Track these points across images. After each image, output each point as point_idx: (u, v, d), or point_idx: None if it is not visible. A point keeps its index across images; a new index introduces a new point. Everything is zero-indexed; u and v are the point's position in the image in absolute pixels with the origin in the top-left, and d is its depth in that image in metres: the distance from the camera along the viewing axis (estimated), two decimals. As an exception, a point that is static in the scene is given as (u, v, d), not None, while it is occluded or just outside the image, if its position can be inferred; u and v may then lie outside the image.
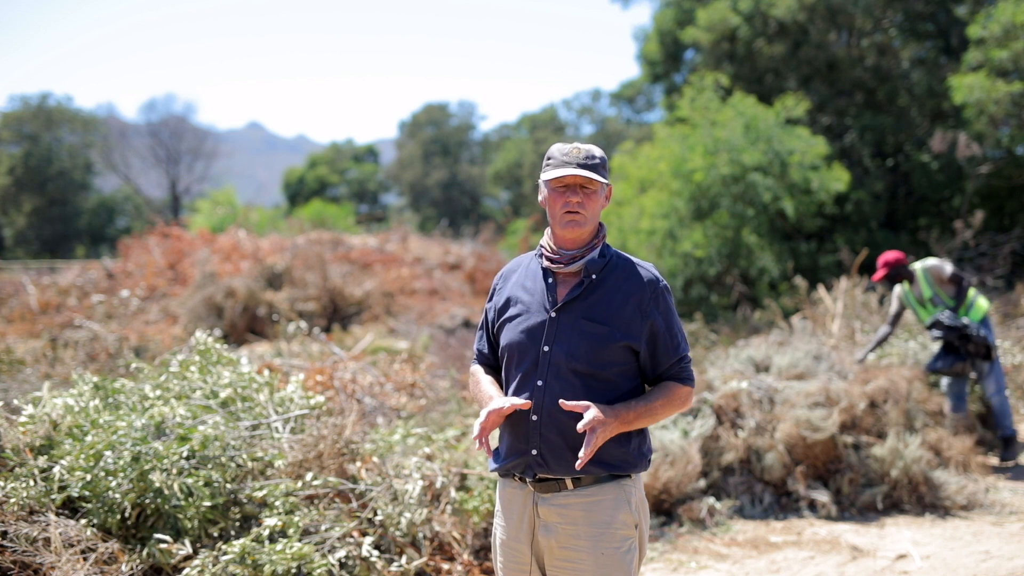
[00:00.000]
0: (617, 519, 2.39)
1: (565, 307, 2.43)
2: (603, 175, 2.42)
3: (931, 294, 6.66)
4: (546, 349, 2.41)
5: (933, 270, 6.64)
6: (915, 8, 17.44)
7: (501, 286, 2.61)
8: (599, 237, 2.48)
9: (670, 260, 12.88)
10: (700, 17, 17.52)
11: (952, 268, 6.63)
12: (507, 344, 2.49)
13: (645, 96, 32.46)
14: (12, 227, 36.79)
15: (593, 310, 2.41)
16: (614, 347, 2.38)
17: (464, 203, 42.76)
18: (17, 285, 13.60)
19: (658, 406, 2.40)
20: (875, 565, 4.61)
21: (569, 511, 2.39)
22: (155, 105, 46.73)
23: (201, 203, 26.37)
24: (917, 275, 6.71)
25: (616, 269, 2.46)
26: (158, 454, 3.47)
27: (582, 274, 2.45)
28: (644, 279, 2.44)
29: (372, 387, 5.95)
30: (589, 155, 2.40)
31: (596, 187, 2.42)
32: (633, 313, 2.40)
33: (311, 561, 3.36)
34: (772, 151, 12.72)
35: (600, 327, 2.39)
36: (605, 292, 2.42)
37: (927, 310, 6.70)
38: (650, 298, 2.42)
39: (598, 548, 2.36)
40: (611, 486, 2.40)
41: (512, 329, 2.49)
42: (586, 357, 2.38)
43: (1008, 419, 6.37)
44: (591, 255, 2.45)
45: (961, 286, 6.52)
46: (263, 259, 12.32)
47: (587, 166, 2.39)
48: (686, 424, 5.59)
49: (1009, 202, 16.89)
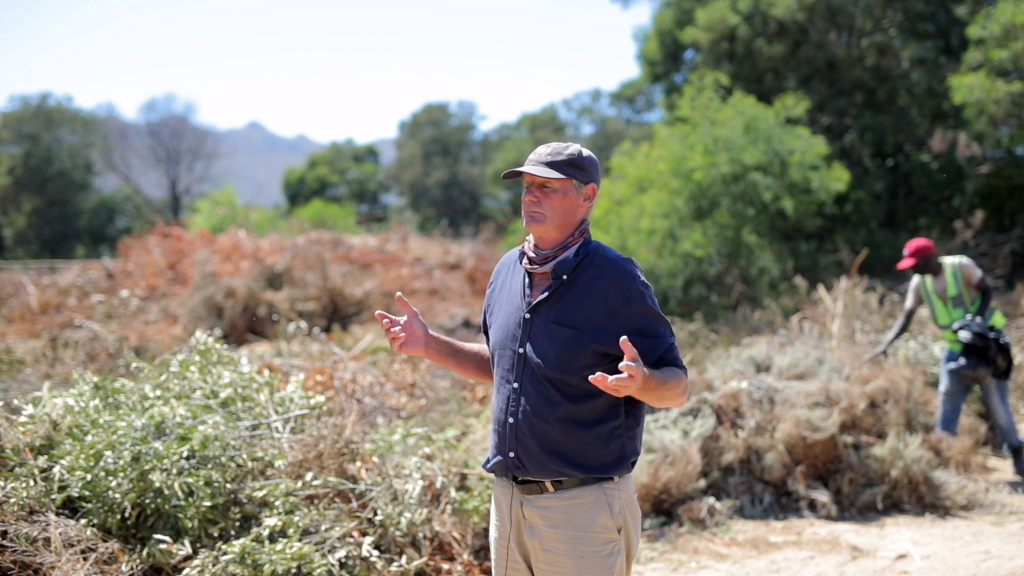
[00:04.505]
0: (597, 522, 2.36)
1: (536, 309, 2.39)
2: (568, 173, 2.35)
3: (956, 292, 6.37)
4: (521, 351, 2.39)
5: (965, 269, 6.35)
6: (915, 8, 17.45)
7: (493, 281, 2.61)
8: (575, 236, 2.41)
9: (670, 260, 12.88)
10: (700, 17, 17.53)
11: (982, 274, 6.40)
12: (492, 343, 2.51)
13: (645, 96, 32.47)
14: (12, 227, 36.78)
15: (563, 313, 2.35)
16: (583, 351, 2.32)
17: (464, 203, 42.77)
18: (17, 285, 13.60)
19: (672, 382, 2.28)
20: (875, 565, 4.61)
21: (550, 513, 2.38)
22: (155, 105, 46.79)
23: (201, 203, 26.37)
24: (945, 269, 6.42)
25: (588, 269, 2.37)
26: (158, 454, 3.47)
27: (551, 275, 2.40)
28: (615, 276, 2.34)
29: (372, 387, 5.95)
30: (555, 152, 2.37)
31: (555, 185, 2.36)
32: (603, 314, 2.32)
33: (311, 561, 3.36)
34: (772, 151, 12.72)
35: (568, 331, 2.33)
36: (576, 294, 2.36)
37: (947, 308, 6.41)
38: (622, 296, 2.33)
39: (578, 551, 2.35)
40: (592, 489, 2.37)
41: (495, 328, 2.50)
42: (555, 362, 2.33)
43: (1014, 432, 6.23)
44: (564, 255, 2.39)
45: (986, 295, 6.30)
46: (263, 259, 12.32)
47: (547, 163, 2.36)
48: (686, 424, 5.59)
49: (1009, 202, 16.90)
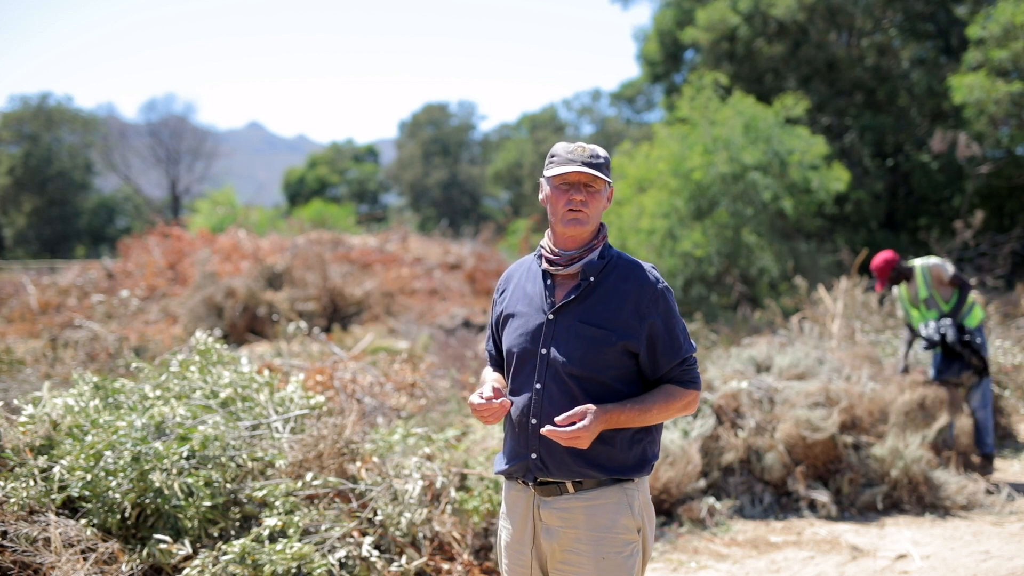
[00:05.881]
0: (619, 523, 2.37)
1: (562, 309, 2.41)
2: (607, 175, 2.40)
3: (927, 295, 6.32)
4: (544, 352, 2.39)
5: (934, 270, 6.29)
6: (915, 8, 17.45)
7: (504, 287, 2.60)
8: (599, 238, 2.45)
9: (670, 260, 12.88)
10: (700, 17, 17.53)
11: (954, 270, 6.30)
12: (508, 346, 2.49)
13: (645, 96, 32.47)
14: (12, 227, 36.78)
15: (590, 313, 2.38)
16: (611, 350, 2.35)
17: (464, 203, 42.76)
18: (17, 285, 13.60)
19: (654, 408, 2.35)
20: (875, 565, 4.61)
21: (570, 515, 2.38)
22: (155, 105, 46.76)
23: (201, 203, 26.37)
24: (916, 273, 6.37)
25: (615, 270, 2.41)
26: (158, 454, 3.47)
27: (580, 276, 2.42)
28: (643, 280, 2.39)
29: (372, 387, 5.94)
30: (594, 154, 2.39)
31: (600, 186, 2.40)
32: (631, 315, 2.35)
33: (311, 561, 3.36)
34: (772, 150, 12.72)
35: (596, 330, 2.35)
36: (603, 294, 2.39)
37: (920, 312, 6.37)
38: (649, 300, 2.37)
39: (599, 552, 2.35)
40: (613, 490, 2.38)
41: (513, 331, 2.48)
42: (582, 361, 2.35)
43: (990, 436, 6.17)
44: (590, 256, 2.41)
45: (963, 290, 6.21)
46: (263, 259, 12.32)
47: (592, 164, 2.38)
48: (686, 424, 5.59)
49: (1009, 202, 16.91)
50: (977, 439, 6.21)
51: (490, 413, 2.34)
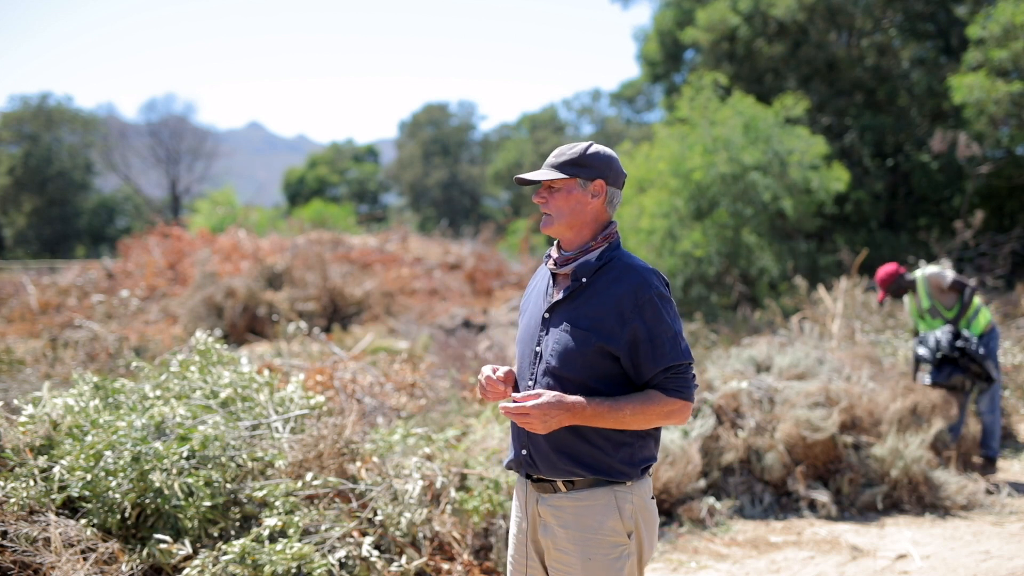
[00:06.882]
0: (605, 525, 2.36)
1: (554, 309, 2.43)
2: (569, 172, 2.38)
3: (929, 305, 6.31)
4: (538, 349, 2.44)
5: (932, 279, 6.27)
6: (915, 8, 17.45)
7: (528, 286, 2.66)
8: (598, 240, 2.43)
9: (670, 260, 12.88)
10: (700, 17, 17.53)
11: (954, 276, 6.27)
12: (517, 340, 2.58)
13: (645, 96, 32.50)
14: (12, 227, 36.78)
15: (575, 314, 2.38)
16: (590, 352, 2.33)
17: (464, 203, 42.76)
18: (17, 285, 13.60)
19: (627, 408, 2.28)
20: (875, 565, 4.61)
21: (562, 513, 2.40)
22: (155, 105, 46.79)
23: (201, 203, 26.39)
24: (917, 284, 6.36)
25: (608, 274, 2.39)
26: (158, 454, 3.47)
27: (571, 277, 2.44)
28: (633, 285, 2.34)
29: (372, 387, 5.94)
30: (558, 154, 2.43)
31: (558, 185, 2.40)
32: (614, 319, 2.33)
33: (311, 561, 3.36)
34: (771, 150, 12.72)
35: (578, 331, 2.35)
36: (590, 296, 2.39)
37: (925, 322, 6.37)
38: (633, 305, 2.32)
39: (585, 553, 2.36)
40: (603, 491, 2.37)
41: (521, 328, 2.58)
42: (563, 360, 2.36)
43: (995, 440, 6.18)
44: (585, 258, 2.41)
45: (964, 295, 6.17)
46: (263, 259, 12.32)
47: (552, 165, 2.42)
48: (686, 424, 5.59)
49: (1009, 202, 16.91)
50: (982, 441, 6.24)
51: (491, 391, 2.42)
